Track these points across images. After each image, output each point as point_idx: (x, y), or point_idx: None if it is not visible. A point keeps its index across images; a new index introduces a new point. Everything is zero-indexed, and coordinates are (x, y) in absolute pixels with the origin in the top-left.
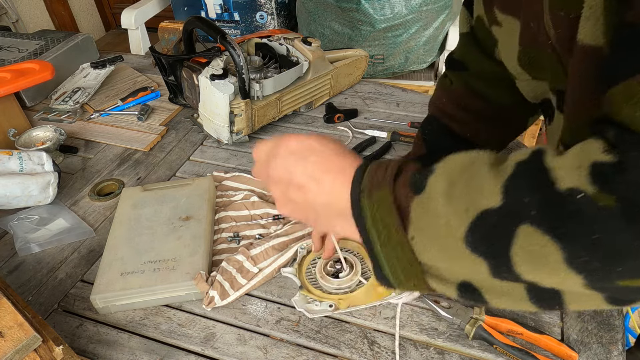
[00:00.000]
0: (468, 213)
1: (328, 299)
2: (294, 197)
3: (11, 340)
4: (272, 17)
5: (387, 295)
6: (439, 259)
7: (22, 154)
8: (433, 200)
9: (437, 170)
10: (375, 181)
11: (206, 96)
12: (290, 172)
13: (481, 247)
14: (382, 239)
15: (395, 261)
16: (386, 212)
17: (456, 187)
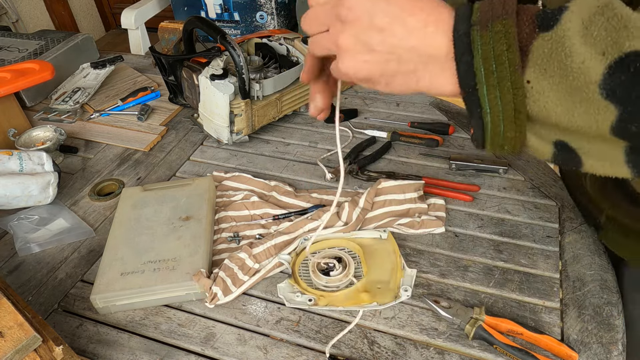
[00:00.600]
0: (608, 54)
1: (311, 293)
2: (373, 42)
3: (11, 340)
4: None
5: (368, 304)
6: (555, 105)
7: (22, 154)
8: (568, 38)
9: (571, 7)
10: (495, 13)
11: (206, 96)
12: (369, 12)
13: (619, 93)
14: (492, 79)
15: (500, 107)
16: (505, 47)
17: (594, 26)
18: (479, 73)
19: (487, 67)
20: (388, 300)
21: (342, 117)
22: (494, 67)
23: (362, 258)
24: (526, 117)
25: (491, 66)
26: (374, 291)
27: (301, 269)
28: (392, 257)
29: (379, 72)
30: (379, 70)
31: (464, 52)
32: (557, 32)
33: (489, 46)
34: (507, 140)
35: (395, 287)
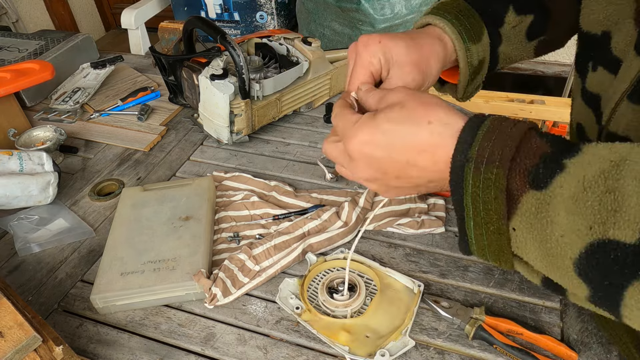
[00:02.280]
0: (591, 232)
1: (304, 303)
2: (396, 185)
3: (11, 340)
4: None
5: (339, 343)
6: (536, 260)
7: (22, 154)
8: (553, 206)
9: (569, 168)
10: (489, 154)
11: (206, 96)
12: (380, 170)
13: (591, 276)
14: (478, 219)
15: (485, 243)
16: (493, 196)
17: (587, 195)
18: (467, 209)
19: (475, 207)
20: (361, 354)
21: None
22: (481, 209)
23: (376, 297)
24: (511, 256)
25: (478, 208)
26: (357, 336)
27: (317, 276)
28: (403, 315)
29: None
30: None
31: (457, 183)
32: (545, 195)
33: (477, 189)
34: (494, 264)
35: (380, 344)
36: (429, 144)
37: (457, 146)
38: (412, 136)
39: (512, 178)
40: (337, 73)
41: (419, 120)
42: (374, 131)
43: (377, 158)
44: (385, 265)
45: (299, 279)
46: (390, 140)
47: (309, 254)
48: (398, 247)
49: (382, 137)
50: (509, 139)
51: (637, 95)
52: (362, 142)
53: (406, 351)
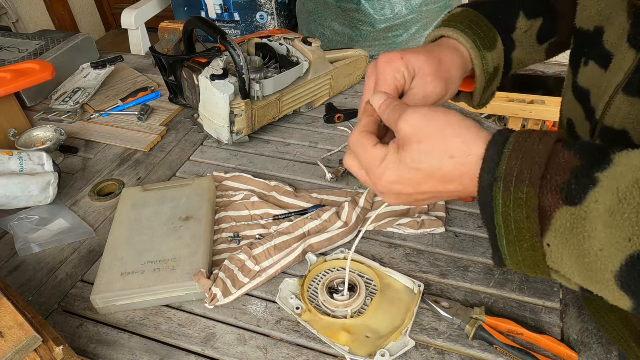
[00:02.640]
0: (630, 244)
1: (304, 303)
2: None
3: (11, 340)
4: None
5: (340, 344)
6: (574, 274)
7: (22, 154)
8: (589, 221)
9: (602, 181)
10: (517, 173)
11: (206, 96)
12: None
13: (633, 288)
14: (511, 237)
15: (520, 258)
16: (525, 215)
17: (624, 207)
18: (499, 227)
19: (507, 226)
20: (361, 354)
21: (342, 116)
22: (513, 227)
23: (376, 297)
24: (547, 267)
25: (510, 226)
26: (357, 336)
27: (317, 276)
28: (403, 315)
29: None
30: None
31: (486, 202)
32: (580, 211)
33: (508, 208)
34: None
35: (380, 344)
36: (456, 175)
37: (484, 165)
38: (438, 171)
39: (543, 195)
40: (337, 73)
41: (441, 156)
42: (400, 170)
43: (407, 192)
44: (385, 265)
45: (299, 279)
46: (417, 177)
47: (309, 254)
48: (398, 247)
49: (408, 174)
50: (537, 156)
51: (632, 87)
52: (389, 181)
53: (406, 351)
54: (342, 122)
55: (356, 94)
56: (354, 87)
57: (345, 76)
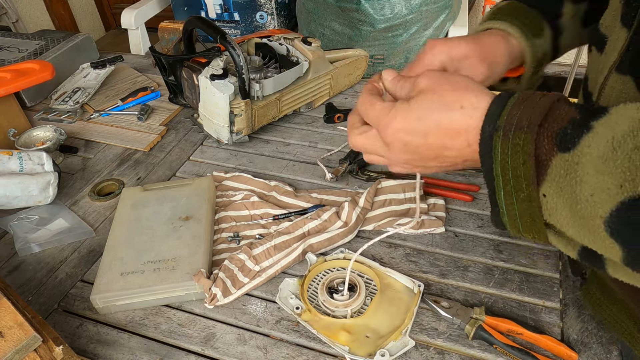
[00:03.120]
0: (622, 190)
1: (304, 303)
2: (433, 164)
3: (11, 340)
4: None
5: (340, 343)
6: (568, 225)
7: (22, 154)
8: (581, 166)
9: (596, 128)
10: (517, 122)
11: (206, 96)
12: (417, 153)
13: (623, 235)
14: (509, 188)
15: (517, 212)
16: (521, 161)
17: (617, 154)
18: (497, 179)
19: (504, 176)
20: (361, 354)
21: (341, 116)
22: (510, 177)
23: (376, 297)
24: (543, 225)
25: (508, 176)
26: (357, 336)
27: (317, 276)
28: (403, 315)
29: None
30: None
31: (486, 153)
32: (573, 156)
33: (506, 156)
34: (528, 238)
35: (380, 344)
36: (463, 127)
37: (486, 118)
38: (446, 121)
39: (540, 142)
40: (337, 73)
41: (452, 105)
42: (409, 118)
43: (414, 144)
44: (385, 265)
45: (299, 279)
46: (425, 126)
47: (309, 254)
48: (398, 247)
49: (417, 123)
50: (538, 107)
51: (624, 66)
52: (397, 129)
53: (406, 351)
54: (342, 122)
55: (356, 94)
56: (354, 87)
57: (345, 76)
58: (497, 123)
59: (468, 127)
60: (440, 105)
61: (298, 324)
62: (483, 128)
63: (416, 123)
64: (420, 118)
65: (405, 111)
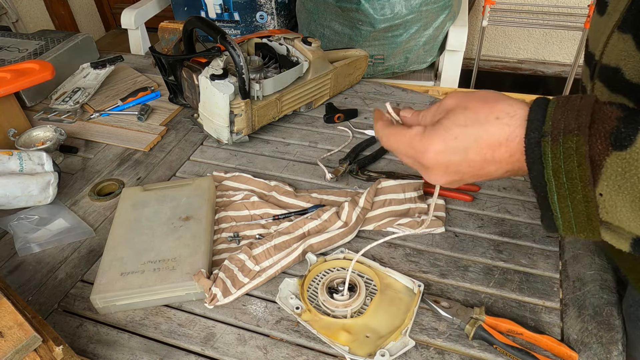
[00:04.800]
0: None
1: (304, 303)
2: (474, 180)
3: (11, 340)
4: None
5: (340, 343)
6: (629, 220)
7: (22, 154)
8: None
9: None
10: (565, 125)
11: (206, 96)
12: (459, 172)
13: None
14: (563, 191)
15: (572, 214)
16: (576, 164)
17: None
18: (549, 183)
19: (557, 180)
20: (361, 354)
21: (341, 116)
22: (564, 180)
23: (376, 297)
24: (599, 223)
25: (561, 179)
26: (357, 336)
27: (317, 276)
28: (403, 315)
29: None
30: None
31: (534, 160)
32: (630, 154)
33: (559, 160)
34: (579, 237)
35: (380, 344)
36: (503, 138)
37: (529, 125)
38: (485, 134)
39: (593, 143)
40: (337, 73)
41: (487, 118)
42: (446, 138)
43: (455, 163)
44: (385, 265)
45: (299, 279)
46: (464, 143)
47: (309, 254)
48: (398, 247)
49: (455, 142)
50: (582, 109)
51: (626, 24)
52: (437, 152)
53: (406, 351)
54: (342, 122)
55: (356, 94)
56: (354, 87)
57: (345, 76)
58: (543, 129)
59: (509, 137)
60: (474, 120)
61: (298, 324)
62: (528, 135)
63: (454, 142)
64: (457, 136)
65: (440, 132)
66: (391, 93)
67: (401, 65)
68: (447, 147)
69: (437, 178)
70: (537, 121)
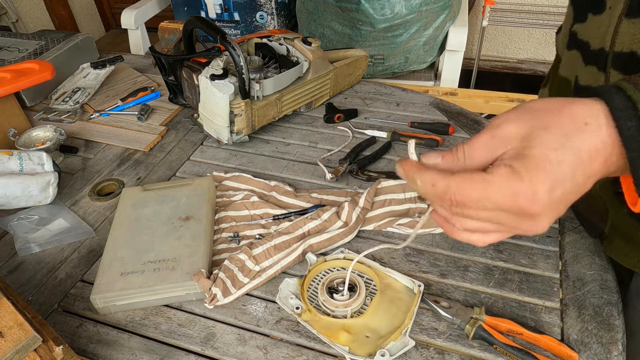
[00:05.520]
0: None
1: (304, 303)
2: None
3: (11, 340)
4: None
5: (340, 343)
6: None
7: (22, 154)
8: None
9: None
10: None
11: (206, 96)
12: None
13: None
14: None
15: None
16: None
17: None
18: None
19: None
20: (361, 354)
21: (341, 116)
22: None
23: (376, 298)
24: None
25: None
26: (357, 336)
27: (317, 276)
28: (403, 315)
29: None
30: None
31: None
32: None
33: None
34: None
35: (380, 344)
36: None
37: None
38: (584, 146)
39: None
40: (337, 73)
41: (576, 128)
42: (551, 169)
43: (565, 194)
44: (385, 265)
45: (299, 279)
46: (570, 166)
47: (309, 254)
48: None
49: (560, 169)
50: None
51: (633, 10)
52: (548, 190)
53: (406, 351)
54: (342, 122)
55: (356, 94)
56: (354, 87)
57: (345, 76)
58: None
59: (604, 140)
60: (566, 136)
61: (298, 324)
62: (622, 126)
63: (560, 170)
64: (560, 162)
65: (541, 165)
66: (391, 93)
67: (401, 65)
68: (556, 179)
69: (545, 224)
70: (626, 109)
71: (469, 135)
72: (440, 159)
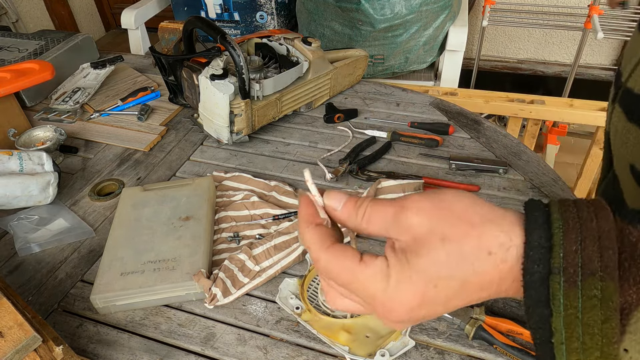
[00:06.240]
0: None
1: (304, 303)
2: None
3: (11, 340)
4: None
5: (340, 344)
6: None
7: (22, 154)
8: None
9: None
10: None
11: (206, 96)
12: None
13: None
14: (576, 345)
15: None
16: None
17: None
18: (557, 334)
19: (570, 332)
20: (361, 354)
21: (341, 116)
22: (580, 333)
23: None
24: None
25: (576, 332)
26: (357, 336)
27: (317, 276)
28: None
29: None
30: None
31: (537, 302)
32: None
33: (576, 310)
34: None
35: (380, 344)
36: (496, 279)
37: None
38: (474, 279)
39: (624, 291)
40: (337, 73)
41: (476, 253)
42: (424, 289)
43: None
44: None
45: (299, 279)
46: (449, 292)
47: (308, 254)
48: None
49: (435, 292)
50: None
51: None
52: (411, 308)
53: (406, 351)
54: (342, 122)
55: (356, 94)
56: (354, 87)
57: (345, 76)
58: (552, 263)
59: (503, 276)
60: (460, 258)
61: (298, 324)
62: (528, 268)
63: (434, 292)
64: (438, 284)
65: (414, 281)
66: (391, 93)
67: (401, 65)
68: (424, 302)
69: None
70: (541, 248)
71: (469, 135)
72: (340, 207)
